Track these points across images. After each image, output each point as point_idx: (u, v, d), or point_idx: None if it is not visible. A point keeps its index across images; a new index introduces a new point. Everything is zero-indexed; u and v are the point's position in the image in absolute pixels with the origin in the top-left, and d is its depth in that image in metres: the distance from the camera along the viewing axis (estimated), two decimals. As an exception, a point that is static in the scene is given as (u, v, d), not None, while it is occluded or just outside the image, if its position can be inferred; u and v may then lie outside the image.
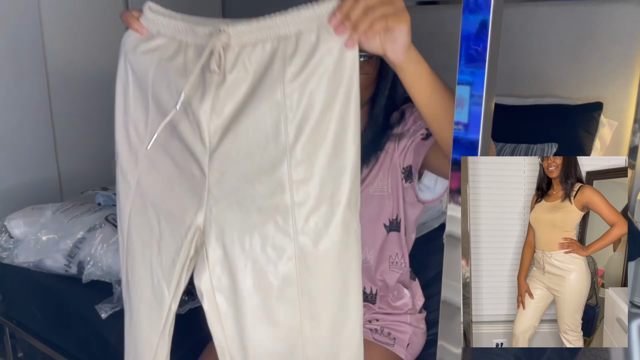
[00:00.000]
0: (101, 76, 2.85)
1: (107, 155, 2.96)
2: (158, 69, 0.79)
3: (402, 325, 1.19)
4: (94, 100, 2.83)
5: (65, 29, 2.65)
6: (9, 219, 1.70)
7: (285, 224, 0.75)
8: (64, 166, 2.74)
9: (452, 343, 0.71)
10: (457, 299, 0.68)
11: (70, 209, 1.70)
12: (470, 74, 0.60)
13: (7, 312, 1.79)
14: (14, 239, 1.68)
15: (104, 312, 1.42)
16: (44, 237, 1.62)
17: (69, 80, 2.71)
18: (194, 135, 0.77)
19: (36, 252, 1.60)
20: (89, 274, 1.52)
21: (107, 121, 3.26)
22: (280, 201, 0.74)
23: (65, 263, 1.56)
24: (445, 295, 0.70)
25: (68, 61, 2.69)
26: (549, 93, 2.49)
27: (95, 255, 1.52)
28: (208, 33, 0.74)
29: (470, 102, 0.61)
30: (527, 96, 2.53)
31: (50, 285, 1.60)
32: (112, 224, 1.60)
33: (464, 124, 0.62)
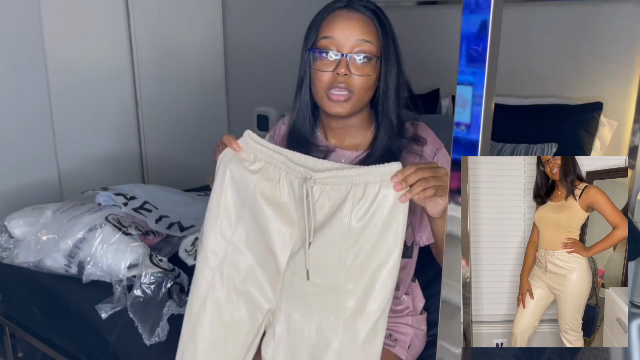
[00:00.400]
0: (101, 76, 2.85)
1: (107, 155, 2.96)
2: (257, 186, 1.00)
3: (403, 326, 1.19)
4: (94, 100, 2.83)
5: (65, 28, 2.65)
6: (9, 218, 1.70)
7: (336, 322, 0.95)
8: (64, 166, 2.74)
9: (452, 343, 0.71)
10: (457, 299, 0.69)
11: (71, 209, 1.70)
12: (470, 74, 0.60)
13: (7, 312, 1.79)
14: (14, 239, 1.68)
15: (104, 312, 1.42)
16: (44, 237, 1.62)
17: (69, 80, 2.71)
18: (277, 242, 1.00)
19: (36, 252, 1.60)
20: (89, 274, 1.52)
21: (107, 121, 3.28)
22: (334, 304, 0.95)
23: (66, 263, 1.56)
24: (445, 295, 0.70)
25: (68, 61, 2.69)
26: (548, 93, 2.49)
27: (96, 255, 1.52)
28: (302, 176, 0.97)
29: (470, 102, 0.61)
30: (527, 96, 2.53)
31: (50, 285, 1.60)
32: (112, 224, 1.60)
33: (465, 125, 0.62)
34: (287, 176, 0.99)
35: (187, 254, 1.70)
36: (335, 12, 1.08)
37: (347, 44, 1.05)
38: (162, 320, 1.35)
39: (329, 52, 1.05)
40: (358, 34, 1.05)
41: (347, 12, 1.07)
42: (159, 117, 3.18)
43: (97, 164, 2.91)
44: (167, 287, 1.43)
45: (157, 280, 1.43)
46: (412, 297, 1.24)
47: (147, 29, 2.99)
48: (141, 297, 1.41)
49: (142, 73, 3.01)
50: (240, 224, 1.02)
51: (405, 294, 1.22)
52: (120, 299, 1.44)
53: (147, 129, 3.13)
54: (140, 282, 1.43)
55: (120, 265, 1.50)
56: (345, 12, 1.07)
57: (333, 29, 1.06)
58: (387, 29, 1.08)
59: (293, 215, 0.98)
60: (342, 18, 1.06)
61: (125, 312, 1.40)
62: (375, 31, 1.07)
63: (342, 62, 1.04)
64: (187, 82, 3.32)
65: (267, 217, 1.00)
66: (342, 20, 1.06)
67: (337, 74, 1.05)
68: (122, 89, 2.97)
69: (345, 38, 1.04)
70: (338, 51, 1.05)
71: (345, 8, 1.07)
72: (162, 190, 1.96)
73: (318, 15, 1.10)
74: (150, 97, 3.10)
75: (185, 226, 1.76)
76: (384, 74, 1.08)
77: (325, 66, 1.06)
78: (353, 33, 1.04)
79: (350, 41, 1.04)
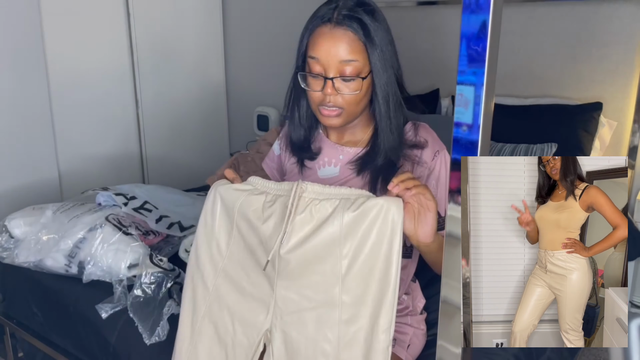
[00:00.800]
0: (101, 76, 2.85)
1: (107, 155, 2.96)
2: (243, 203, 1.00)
3: (402, 326, 1.19)
4: (94, 100, 2.83)
5: (65, 29, 2.65)
6: (9, 218, 1.71)
7: (332, 336, 0.92)
8: (64, 166, 2.74)
9: (452, 343, 0.71)
10: (457, 299, 0.69)
11: (71, 209, 1.70)
12: (470, 74, 0.60)
13: (7, 312, 1.79)
14: (14, 238, 1.68)
15: (104, 312, 1.42)
16: (44, 237, 1.62)
17: (69, 80, 2.71)
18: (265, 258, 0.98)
19: (36, 252, 1.60)
20: (89, 274, 1.52)
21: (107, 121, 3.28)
22: (330, 317, 0.92)
23: (66, 263, 1.56)
24: (445, 295, 0.70)
25: (68, 61, 2.69)
26: (548, 93, 2.49)
27: (96, 255, 1.52)
28: (290, 187, 0.96)
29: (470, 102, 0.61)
30: (526, 96, 2.53)
31: (50, 285, 1.61)
32: (112, 224, 1.60)
33: (465, 125, 0.62)
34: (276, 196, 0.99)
35: (187, 254, 1.71)
36: (319, 29, 1.03)
37: (331, 67, 1.02)
38: (162, 319, 1.35)
39: (316, 75, 1.05)
40: (342, 55, 1.01)
41: (330, 30, 1.02)
42: (159, 117, 3.18)
43: (97, 164, 2.91)
44: (167, 287, 1.44)
45: (157, 280, 1.44)
46: (412, 297, 1.24)
47: (147, 29, 2.99)
48: (141, 297, 1.41)
49: (142, 73, 3.01)
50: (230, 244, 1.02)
51: (405, 294, 1.22)
52: (121, 298, 1.45)
53: (147, 129, 3.13)
54: (140, 282, 1.43)
55: (120, 265, 1.51)
56: (329, 30, 1.02)
57: (318, 49, 1.03)
58: (374, 41, 1.03)
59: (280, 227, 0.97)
60: (325, 37, 1.02)
61: (126, 311, 1.40)
62: (362, 46, 1.03)
63: (328, 84, 1.03)
64: (187, 82, 3.32)
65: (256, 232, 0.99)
66: (325, 40, 1.02)
67: (324, 94, 1.05)
68: (122, 89, 2.97)
69: (328, 61, 1.02)
70: (324, 73, 1.04)
71: (329, 23, 1.02)
72: (162, 190, 1.97)
73: (305, 27, 1.07)
74: (150, 97, 3.10)
75: (185, 226, 1.76)
76: (376, 85, 1.06)
77: (314, 86, 1.06)
78: (337, 54, 1.01)
79: (334, 63, 1.02)
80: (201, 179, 3.09)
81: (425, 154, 1.11)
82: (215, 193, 1.03)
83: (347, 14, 1.02)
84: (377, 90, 1.07)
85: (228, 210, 1.02)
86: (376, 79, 1.05)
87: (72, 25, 2.67)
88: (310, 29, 1.06)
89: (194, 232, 1.77)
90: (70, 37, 2.67)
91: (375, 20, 1.04)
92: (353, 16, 1.02)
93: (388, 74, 1.06)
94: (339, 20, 1.02)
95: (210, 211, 1.03)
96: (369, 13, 1.03)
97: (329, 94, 1.04)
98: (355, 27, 1.02)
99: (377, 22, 1.04)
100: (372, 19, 1.03)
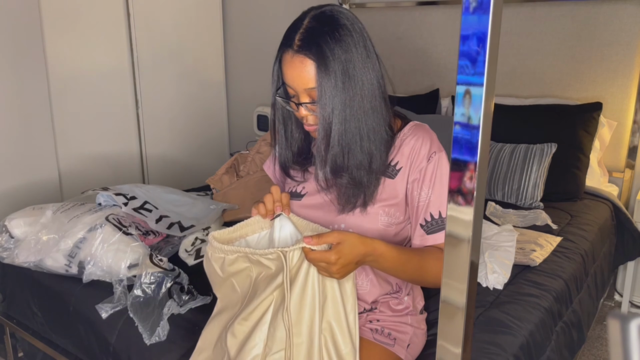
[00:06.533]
0: (101, 76, 2.85)
1: (107, 155, 2.96)
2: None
3: (402, 325, 1.19)
4: (94, 100, 2.83)
5: (65, 29, 2.65)
6: (9, 218, 1.71)
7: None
8: (64, 166, 2.75)
9: (452, 343, 0.71)
10: (457, 298, 0.69)
11: (71, 209, 1.70)
12: (470, 74, 0.60)
13: (7, 312, 1.79)
14: (14, 238, 1.68)
15: (104, 312, 1.42)
16: (44, 237, 1.62)
17: (69, 80, 2.71)
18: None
19: (37, 252, 1.60)
20: (89, 274, 1.52)
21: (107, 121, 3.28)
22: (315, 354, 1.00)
23: (66, 263, 1.56)
24: (445, 295, 0.70)
25: (68, 61, 2.69)
26: (548, 93, 2.50)
27: (96, 255, 1.53)
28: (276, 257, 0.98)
29: (470, 102, 0.61)
30: (526, 96, 2.53)
31: (50, 285, 1.61)
32: (112, 224, 1.60)
33: (465, 125, 0.62)
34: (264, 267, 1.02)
35: (187, 253, 1.71)
36: (285, 56, 1.05)
37: (299, 92, 1.06)
38: (162, 320, 1.35)
39: (289, 99, 1.09)
40: (304, 84, 1.03)
41: (292, 57, 1.03)
42: (159, 117, 3.19)
43: (97, 164, 2.91)
44: (167, 287, 1.44)
45: (157, 280, 1.44)
46: (413, 297, 1.24)
47: (147, 29, 2.99)
48: (141, 297, 1.41)
49: (142, 73, 3.01)
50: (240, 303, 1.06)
51: (406, 295, 1.22)
52: (121, 298, 1.45)
53: (147, 129, 3.13)
54: (140, 282, 1.43)
55: (120, 265, 1.51)
56: (290, 58, 1.03)
57: (286, 77, 1.06)
58: (329, 63, 1.00)
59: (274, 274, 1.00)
60: (289, 65, 1.04)
61: (126, 311, 1.41)
62: (317, 73, 1.01)
63: (300, 108, 1.07)
64: (187, 82, 3.32)
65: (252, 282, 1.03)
66: (289, 68, 1.04)
67: (299, 116, 1.09)
68: (122, 89, 2.97)
69: (296, 87, 1.05)
70: (295, 98, 1.08)
71: (290, 50, 1.03)
72: (162, 190, 1.96)
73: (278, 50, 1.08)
74: (150, 97, 3.11)
75: (185, 226, 1.76)
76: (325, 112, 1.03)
77: (292, 105, 1.10)
78: (300, 83, 1.04)
79: (299, 90, 1.05)
80: (201, 179, 3.09)
81: (422, 154, 1.11)
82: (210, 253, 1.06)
83: (305, 39, 1.01)
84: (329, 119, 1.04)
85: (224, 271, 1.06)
86: (321, 109, 1.02)
87: (72, 25, 2.68)
88: (279, 55, 1.07)
89: (194, 232, 1.78)
90: (70, 37, 2.67)
91: (338, 38, 1.01)
92: (311, 41, 1.01)
93: (351, 93, 1.02)
94: (298, 48, 1.02)
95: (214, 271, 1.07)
96: (331, 32, 1.01)
97: (303, 115, 1.08)
98: (314, 53, 1.01)
99: (340, 41, 1.01)
100: (332, 38, 1.00)
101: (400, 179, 1.11)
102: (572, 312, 1.60)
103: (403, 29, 2.80)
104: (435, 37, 2.73)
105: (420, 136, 1.12)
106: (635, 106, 2.31)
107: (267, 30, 3.34)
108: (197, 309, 1.41)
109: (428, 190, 1.09)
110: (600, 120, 2.29)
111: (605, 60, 2.33)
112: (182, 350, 1.29)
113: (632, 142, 2.36)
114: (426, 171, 1.09)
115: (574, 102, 2.37)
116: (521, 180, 2.17)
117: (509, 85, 2.57)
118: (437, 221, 1.08)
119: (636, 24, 2.24)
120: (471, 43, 0.59)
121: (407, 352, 1.17)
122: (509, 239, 1.70)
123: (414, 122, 1.16)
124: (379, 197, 1.11)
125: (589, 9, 2.33)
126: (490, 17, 0.58)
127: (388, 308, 1.19)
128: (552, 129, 2.27)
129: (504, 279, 1.54)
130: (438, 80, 2.75)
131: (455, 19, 2.66)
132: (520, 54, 2.53)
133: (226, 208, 1.98)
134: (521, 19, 2.50)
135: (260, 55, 3.43)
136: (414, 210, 1.11)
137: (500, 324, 1.34)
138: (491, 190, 2.26)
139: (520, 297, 1.47)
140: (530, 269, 1.63)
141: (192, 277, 1.52)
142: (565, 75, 2.45)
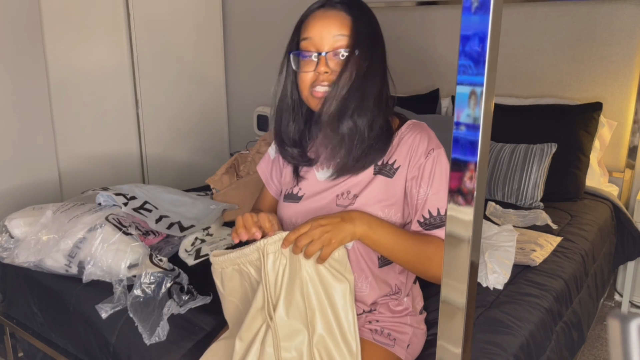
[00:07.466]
0: (101, 76, 2.85)
1: (107, 155, 2.96)
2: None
3: (402, 326, 1.19)
4: (94, 100, 2.83)
5: (65, 29, 2.65)
6: (9, 218, 1.71)
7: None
8: (64, 166, 2.75)
9: (452, 343, 0.71)
10: (457, 298, 0.69)
11: (71, 209, 1.70)
12: (470, 74, 0.60)
13: (7, 312, 1.79)
14: (14, 238, 1.68)
15: (104, 312, 1.42)
16: (44, 237, 1.62)
17: (69, 80, 2.71)
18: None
19: (36, 252, 1.60)
20: (89, 274, 1.52)
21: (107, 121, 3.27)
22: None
23: (66, 263, 1.56)
24: (445, 295, 0.70)
25: (68, 61, 2.69)
26: (548, 93, 2.50)
27: (96, 255, 1.52)
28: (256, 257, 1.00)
29: (470, 102, 0.61)
30: (526, 96, 2.53)
31: (50, 285, 1.61)
32: (112, 224, 1.60)
33: (465, 125, 0.62)
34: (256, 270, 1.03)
35: (187, 253, 1.71)
36: (312, 14, 1.09)
37: (324, 43, 1.06)
38: (162, 320, 1.35)
39: (308, 53, 1.07)
40: (334, 31, 1.05)
41: (323, 12, 1.07)
42: (159, 117, 3.19)
43: (97, 164, 2.91)
44: (167, 287, 1.44)
45: (157, 280, 1.44)
46: (412, 297, 1.24)
47: (147, 29, 2.99)
48: (141, 297, 1.41)
49: (142, 73, 3.01)
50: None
51: (405, 296, 1.22)
52: (120, 298, 1.45)
53: (147, 129, 3.13)
54: (140, 282, 1.43)
55: (120, 265, 1.51)
56: (321, 12, 1.08)
57: (310, 30, 1.07)
58: (361, 21, 1.07)
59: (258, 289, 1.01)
60: (318, 18, 1.07)
61: (125, 311, 1.41)
62: (352, 24, 1.06)
63: (322, 61, 1.06)
64: (187, 82, 3.32)
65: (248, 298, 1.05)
66: (317, 20, 1.07)
67: (318, 73, 1.07)
68: (122, 89, 2.97)
69: (321, 37, 1.06)
70: (316, 51, 1.06)
71: (322, 8, 1.08)
72: (162, 190, 1.96)
73: (298, 20, 1.12)
74: (150, 97, 3.11)
75: (185, 226, 1.76)
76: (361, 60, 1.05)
77: (307, 66, 1.08)
78: (329, 31, 1.05)
79: (326, 39, 1.05)
80: (201, 179, 3.09)
81: (420, 151, 1.10)
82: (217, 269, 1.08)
83: (345, 1, 1.08)
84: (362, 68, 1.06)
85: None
86: (361, 55, 1.05)
87: (72, 25, 2.68)
88: (302, 16, 1.11)
89: (194, 232, 1.78)
90: (70, 37, 2.67)
91: (367, 8, 1.10)
92: (343, 1, 1.08)
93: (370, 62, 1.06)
94: (331, 4, 1.08)
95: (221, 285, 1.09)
96: (360, 5, 1.10)
97: (322, 72, 1.06)
98: (346, 9, 1.07)
99: (368, 15, 1.09)
100: (362, 5, 1.09)
101: (399, 178, 1.11)
102: (572, 312, 1.60)
103: (403, 29, 2.80)
104: (435, 37, 2.73)
105: (418, 133, 1.12)
106: (635, 106, 2.31)
107: (267, 30, 3.34)
108: (197, 309, 1.41)
109: (426, 187, 1.09)
110: (600, 120, 2.29)
111: (605, 60, 2.33)
112: (182, 350, 1.29)
113: (632, 142, 2.36)
114: (424, 168, 1.09)
115: (574, 102, 2.37)
116: (521, 180, 2.17)
117: (509, 85, 2.57)
118: (435, 218, 1.08)
119: (636, 24, 2.24)
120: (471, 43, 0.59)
121: (407, 352, 1.17)
122: (509, 239, 1.70)
123: (411, 120, 1.16)
124: (377, 197, 1.10)
125: (589, 9, 2.33)
126: (490, 17, 0.58)
127: (387, 309, 1.19)
128: (552, 129, 2.27)
129: (504, 279, 1.54)
130: (438, 80, 2.75)
131: (456, 19, 2.66)
132: (521, 54, 2.53)
133: (226, 208, 1.98)
134: (521, 19, 2.50)
135: (260, 55, 3.43)
136: (413, 207, 1.10)
137: (500, 324, 1.34)
138: (491, 190, 2.26)
139: (520, 297, 1.47)
140: (530, 269, 1.63)
141: (192, 277, 1.52)
142: (565, 75, 2.45)
